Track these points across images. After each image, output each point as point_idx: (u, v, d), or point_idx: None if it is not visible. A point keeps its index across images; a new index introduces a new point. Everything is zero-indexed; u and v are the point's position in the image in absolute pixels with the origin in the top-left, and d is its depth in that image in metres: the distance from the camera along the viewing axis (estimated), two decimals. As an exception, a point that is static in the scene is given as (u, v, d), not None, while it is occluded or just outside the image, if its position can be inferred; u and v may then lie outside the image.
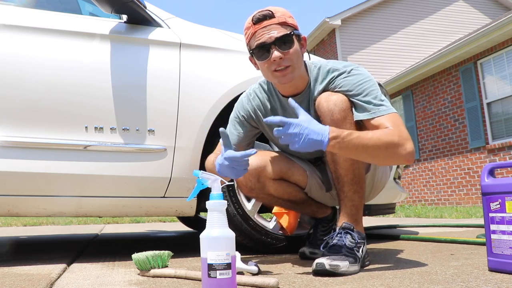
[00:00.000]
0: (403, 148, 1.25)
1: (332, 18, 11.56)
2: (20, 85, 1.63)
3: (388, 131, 1.27)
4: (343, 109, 1.35)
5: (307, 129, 1.16)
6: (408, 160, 1.28)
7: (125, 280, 1.27)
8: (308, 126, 1.17)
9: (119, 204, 1.75)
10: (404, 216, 5.52)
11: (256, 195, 1.58)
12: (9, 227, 5.61)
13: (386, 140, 1.24)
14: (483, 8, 12.82)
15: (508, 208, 1.13)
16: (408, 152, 1.26)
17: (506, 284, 1.02)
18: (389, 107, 1.34)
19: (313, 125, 1.18)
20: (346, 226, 1.37)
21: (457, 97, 8.32)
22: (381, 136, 1.24)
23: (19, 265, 1.63)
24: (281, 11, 1.38)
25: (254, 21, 1.36)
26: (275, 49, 1.34)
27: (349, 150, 1.23)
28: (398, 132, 1.26)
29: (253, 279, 1.13)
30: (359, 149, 1.22)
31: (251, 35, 1.38)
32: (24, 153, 1.61)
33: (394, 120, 1.31)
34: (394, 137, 1.25)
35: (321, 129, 1.19)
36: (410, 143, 1.27)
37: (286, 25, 1.36)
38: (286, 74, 1.37)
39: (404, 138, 1.26)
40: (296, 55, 1.37)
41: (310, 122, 1.18)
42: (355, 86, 1.37)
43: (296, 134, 1.16)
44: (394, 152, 1.25)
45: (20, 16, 1.73)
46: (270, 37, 1.33)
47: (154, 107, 1.76)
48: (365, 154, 1.26)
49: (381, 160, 1.34)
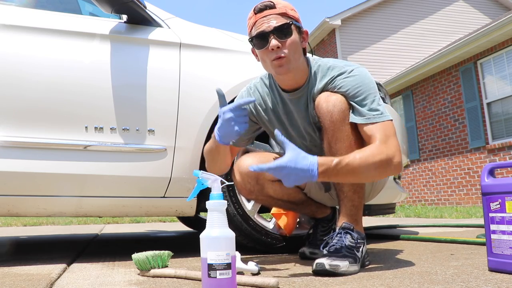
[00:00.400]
0: (391, 163, 1.29)
1: (332, 18, 11.56)
2: (20, 85, 1.63)
3: (376, 150, 1.28)
4: (342, 110, 1.35)
5: (295, 169, 1.19)
6: (396, 172, 1.33)
7: (125, 280, 1.27)
8: (296, 165, 1.18)
9: (119, 204, 1.75)
10: (404, 216, 5.52)
11: (256, 197, 1.58)
12: (9, 227, 5.61)
13: (374, 161, 1.26)
14: (483, 8, 12.82)
15: (508, 208, 1.13)
16: (395, 165, 1.30)
17: (506, 284, 1.02)
18: (384, 114, 1.35)
19: (301, 161, 1.19)
20: (346, 226, 1.37)
21: (457, 97, 8.32)
22: (369, 158, 1.26)
23: (19, 265, 1.63)
24: (283, 3, 1.40)
25: (255, 11, 1.38)
26: (273, 37, 1.34)
27: (339, 178, 1.28)
28: (385, 149, 1.29)
29: (253, 279, 1.13)
30: (348, 176, 1.27)
31: (252, 24, 1.39)
32: (24, 153, 1.61)
33: (386, 130, 1.32)
34: (382, 155, 1.27)
35: (309, 164, 1.20)
36: (398, 156, 1.30)
37: (287, 16, 1.37)
38: (282, 64, 1.36)
39: (392, 152, 1.29)
40: (294, 46, 1.37)
41: (297, 160, 1.19)
42: (353, 88, 1.37)
43: (286, 175, 1.20)
44: (382, 171, 1.30)
45: (20, 16, 1.73)
46: (269, 26, 1.35)
47: (154, 107, 1.76)
48: (355, 178, 1.31)
49: (370, 179, 1.41)
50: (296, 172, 1.19)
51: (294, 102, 1.48)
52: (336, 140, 1.35)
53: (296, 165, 1.19)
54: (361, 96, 1.36)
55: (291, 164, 1.18)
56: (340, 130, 1.34)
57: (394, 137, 1.33)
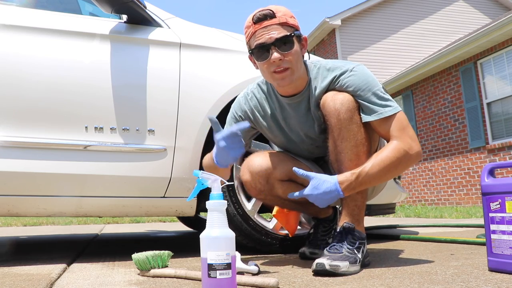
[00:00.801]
0: (410, 156, 1.33)
1: (332, 18, 11.56)
2: (20, 85, 1.63)
3: (393, 150, 1.32)
4: (349, 109, 1.34)
5: (321, 194, 1.30)
6: (417, 161, 1.38)
7: (125, 280, 1.27)
8: (318, 191, 1.30)
9: (119, 204, 1.75)
10: (404, 216, 5.52)
11: (264, 196, 1.57)
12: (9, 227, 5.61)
13: (393, 161, 1.31)
14: (483, 8, 12.82)
15: (508, 208, 1.13)
16: (415, 154, 1.34)
17: (506, 284, 1.02)
18: (394, 106, 1.36)
19: (322, 186, 1.30)
20: (347, 226, 1.37)
21: (457, 97, 8.32)
22: (387, 160, 1.31)
23: (19, 265, 1.63)
24: (283, 11, 1.36)
25: (254, 20, 1.34)
26: (274, 50, 1.33)
27: (364, 186, 1.34)
28: (402, 144, 1.32)
29: (253, 279, 1.13)
30: (373, 182, 1.33)
31: (251, 34, 1.36)
32: (24, 153, 1.61)
33: (399, 123, 1.35)
34: (399, 152, 1.31)
35: (331, 186, 1.30)
36: (415, 145, 1.34)
37: (287, 25, 1.35)
38: (285, 76, 1.36)
39: (408, 144, 1.33)
40: (296, 56, 1.36)
41: (319, 186, 1.30)
42: (360, 86, 1.36)
43: (315, 201, 1.33)
44: (404, 166, 1.34)
45: (20, 16, 1.73)
46: (270, 37, 1.32)
47: (154, 107, 1.76)
48: (380, 181, 1.36)
49: (395, 175, 1.42)
50: (322, 197, 1.30)
51: (294, 107, 1.48)
52: (342, 139, 1.34)
53: (319, 190, 1.30)
54: (369, 92, 1.36)
55: (313, 192, 1.31)
56: (346, 129, 1.34)
57: (408, 127, 1.36)
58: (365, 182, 1.31)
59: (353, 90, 1.37)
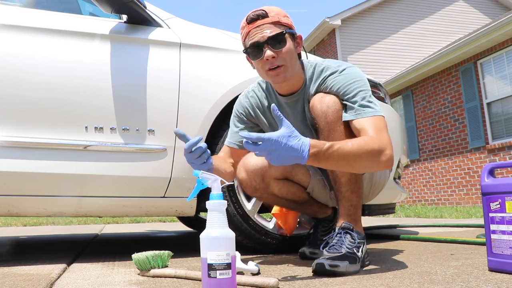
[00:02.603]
0: (383, 154, 1.25)
1: (332, 18, 11.56)
2: (20, 85, 1.63)
3: (368, 139, 1.25)
4: (336, 111, 1.35)
5: (285, 146, 1.11)
6: (387, 166, 1.28)
7: (125, 280, 1.27)
8: (287, 142, 1.11)
9: (119, 204, 1.75)
10: (404, 216, 5.52)
11: (260, 195, 1.58)
12: (9, 227, 5.61)
13: (367, 149, 1.22)
14: (483, 8, 12.82)
15: (508, 208, 1.13)
16: (387, 158, 1.25)
17: (506, 284, 1.02)
18: (375, 110, 1.34)
19: (292, 140, 1.12)
20: (345, 226, 1.37)
21: (457, 97, 8.32)
22: (360, 145, 1.22)
23: (19, 265, 1.63)
24: (276, 10, 1.39)
25: (248, 20, 1.38)
26: (267, 48, 1.35)
27: (329, 162, 1.20)
28: (377, 140, 1.25)
29: (253, 279, 1.13)
30: (339, 161, 1.20)
31: (245, 34, 1.39)
32: (24, 153, 1.61)
33: (377, 124, 1.30)
34: (374, 145, 1.24)
35: (301, 144, 1.13)
36: (390, 149, 1.26)
37: (280, 24, 1.37)
38: (279, 73, 1.37)
39: (384, 144, 1.25)
40: (289, 54, 1.38)
41: (290, 137, 1.12)
42: (344, 86, 1.37)
43: (275, 150, 1.11)
44: (374, 161, 1.25)
45: (20, 16, 1.73)
46: (262, 36, 1.35)
47: (154, 107, 1.76)
48: (346, 165, 1.24)
49: (361, 170, 1.33)
50: (285, 149, 1.11)
51: (291, 106, 1.50)
52: (331, 140, 1.35)
53: (288, 142, 1.11)
54: (351, 93, 1.36)
55: (282, 140, 1.10)
56: (335, 130, 1.35)
57: (386, 131, 1.31)
58: (332, 157, 1.18)
59: (338, 90, 1.38)
